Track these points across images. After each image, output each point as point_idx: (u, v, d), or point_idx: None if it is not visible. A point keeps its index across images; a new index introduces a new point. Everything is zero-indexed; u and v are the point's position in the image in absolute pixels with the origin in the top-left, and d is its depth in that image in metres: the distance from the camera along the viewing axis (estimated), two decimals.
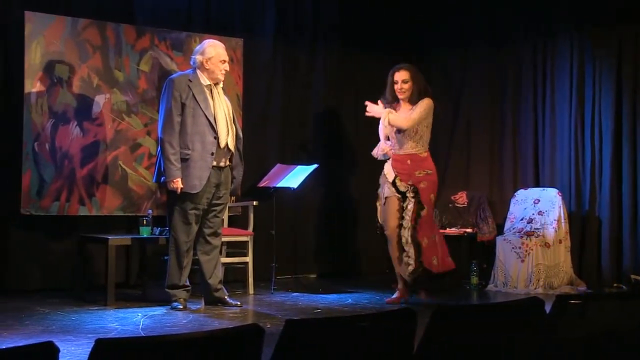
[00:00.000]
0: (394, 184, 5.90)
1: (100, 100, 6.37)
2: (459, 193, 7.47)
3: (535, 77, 7.35)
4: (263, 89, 7.41)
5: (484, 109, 7.68)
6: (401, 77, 5.93)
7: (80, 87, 6.29)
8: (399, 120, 5.89)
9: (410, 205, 5.83)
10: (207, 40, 5.74)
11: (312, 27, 7.73)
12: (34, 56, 6.08)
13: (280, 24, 7.52)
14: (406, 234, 5.79)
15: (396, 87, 5.94)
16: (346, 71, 7.91)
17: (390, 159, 5.97)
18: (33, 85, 6.08)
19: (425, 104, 5.91)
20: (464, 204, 7.40)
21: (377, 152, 6.11)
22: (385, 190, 5.95)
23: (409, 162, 5.91)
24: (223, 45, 5.69)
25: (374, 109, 6.01)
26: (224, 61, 5.58)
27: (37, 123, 6.09)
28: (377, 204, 6.11)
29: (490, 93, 7.66)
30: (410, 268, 5.76)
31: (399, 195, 5.88)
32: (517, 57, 7.48)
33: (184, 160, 5.42)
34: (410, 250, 5.77)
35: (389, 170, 5.95)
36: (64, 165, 6.20)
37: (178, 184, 5.38)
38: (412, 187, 5.85)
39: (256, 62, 7.34)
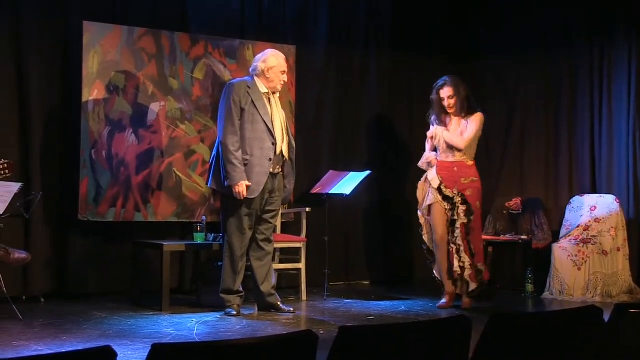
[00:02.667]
0: (439, 190, 5.98)
1: (155, 108, 6.46)
2: (514, 199, 7.37)
3: (591, 81, 7.22)
4: (315, 95, 7.43)
5: (538, 113, 7.57)
6: (446, 94, 6.10)
7: (135, 95, 6.38)
8: (455, 140, 6.05)
9: (460, 212, 5.94)
10: (270, 50, 5.77)
11: (365, 32, 7.72)
12: (92, 65, 6.20)
13: (333, 30, 7.53)
14: (459, 242, 5.86)
15: (444, 103, 6.11)
16: (399, 76, 7.89)
17: (435, 166, 6.03)
18: (90, 94, 6.19)
19: (478, 120, 6.09)
20: (518, 210, 7.31)
21: (423, 162, 6.22)
22: (430, 197, 6.09)
23: (455, 169, 6.08)
24: (284, 57, 5.73)
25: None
26: (284, 72, 5.63)
27: (94, 131, 6.20)
28: (421, 220, 6.15)
29: (545, 97, 7.55)
30: (470, 276, 5.93)
31: (445, 203, 5.99)
32: (573, 61, 7.36)
33: (243, 165, 5.45)
34: (465, 258, 5.91)
35: (433, 177, 6.07)
36: (119, 172, 6.29)
37: (242, 187, 5.38)
38: (459, 193, 5.93)
39: (309, 69, 7.37)
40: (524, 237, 7.11)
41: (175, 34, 6.57)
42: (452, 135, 6.05)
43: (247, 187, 5.39)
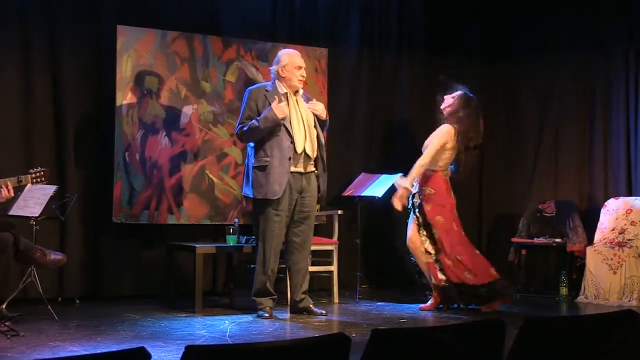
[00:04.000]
0: (413, 196, 6.16)
1: (187, 110, 6.50)
2: (547, 202, 7.31)
3: (627, 82, 7.13)
4: (347, 97, 7.43)
5: (572, 115, 7.49)
6: (448, 96, 6.30)
7: (168, 98, 6.43)
8: (411, 174, 6.06)
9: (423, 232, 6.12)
10: (282, 50, 5.83)
11: (397, 34, 7.70)
12: (125, 69, 6.26)
13: (365, 32, 7.52)
14: (432, 252, 6.06)
15: (442, 105, 6.37)
16: (432, 78, 7.84)
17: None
18: (124, 97, 6.25)
19: (441, 131, 6.19)
20: (552, 213, 7.24)
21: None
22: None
23: (419, 179, 6.15)
24: (298, 53, 5.76)
25: (400, 200, 6.09)
26: (300, 67, 5.64)
27: (128, 134, 6.26)
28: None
29: (578, 99, 7.47)
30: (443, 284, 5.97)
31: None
32: (608, 61, 7.28)
33: (264, 167, 5.49)
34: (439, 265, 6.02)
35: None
36: (153, 174, 6.34)
37: (275, 108, 5.40)
38: (419, 204, 6.08)
39: (341, 71, 7.37)
40: (558, 240, 7.04)
41: (207, 37, 6.61)
42: (408, 177, 6.06)
43: (266, 190, 5.45)
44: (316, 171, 5.67)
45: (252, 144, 5.61)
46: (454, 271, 5.92)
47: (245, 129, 5.53)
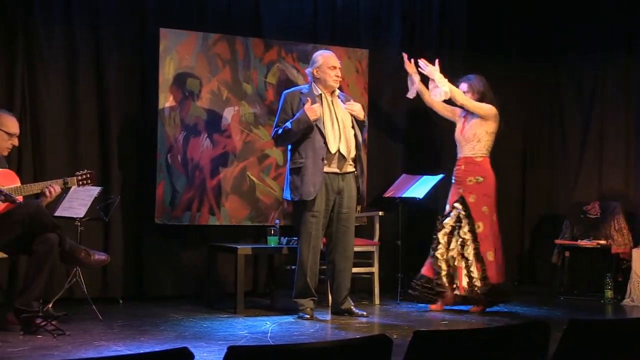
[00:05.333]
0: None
1: (229, 112, 6.54)
2: (591, 203, 7.21)
3: None
4: (389, 99, 7.40)
5: (617, 115, 7.38)
6: (462, 89, 6.25)
7: (210, 100, 6.48)
8: (457, 92, 6.12)
9: (464, 223, 5.98)
10: (316, 52, 5.85)
11: (438, 34, 7.65)
12: (168, 71, 6.32)
13: (406, 33, 7.49)
14: (469, 251, 5.87)
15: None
16: None
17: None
18: (166, 99, 6.31)
19: (488, 106, 6.12)
20: (596, 214, 7.13)
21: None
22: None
23: (462, 167, 6.09)
24: (332, 54, 5.78)
25: (428, 68, 6.22)
26: (334, 67, 5.66)
27: (170, 135, 6.31)
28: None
29: (624, 99, 7.35)
30: (479, 287, 5.86)
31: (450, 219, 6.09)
32: None
33: (298, 169, 5.51)
34: (473, 267, 5.88)
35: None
36: (195, 176, 6.39)
37: (308, 110, 5.46)
38: (461, 200, 5.93)
39: (382, 73, 7.34)
40: (602, 242, 6.94)
41: (249, 39, 6.64)
42: (458, 91, 6.11)
43: (301, 191, 5.48)
44: (355, 172, 5.67)
45: (289, 147, 5.64)
46: (492, 270, 5.89)
47: (280, 132, 5.58)
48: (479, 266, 5.89)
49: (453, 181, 6.20)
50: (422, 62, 6.28)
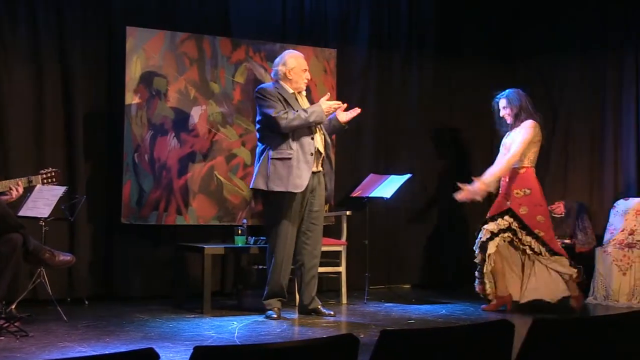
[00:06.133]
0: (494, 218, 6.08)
1: (196, 112, 6.51)
2: (556, 203, 7.27)
3: (637, 82, 7.10)
4: (356, 98, 7.41)
5: (583, 116, 7.46)
6: (501, 105, 6.16)
7: (177, 99, 6.44)
8: (497, 172, 6.01)
9: (522, 234, 5.95)
10: (286, 52, 5.83)
11: (407, 35, 7.69)
12: (135, 69, 6.27)
13: (374, 33, 7.52)
14: (543, 252, 5.92)
15: (501, 114, 6.18)
16: (441, 79, 7.85)
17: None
18: (133, 98, 6.26)
19: (524, 128, 6.02)
20: (561, 214, 7.21)
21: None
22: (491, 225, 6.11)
23: (507, 179, 6.03)
24: (302, 55, 5.77)
25: (467, 193, 6.00)
26: (306, 70, 5.67)
27: (137, 135, 6.27)
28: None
29: (589, 99, 7.44)
30: (576, 274, 5.95)
31: (505, 234, 6.02)
32: (619, 62, 7.25)
33: (286, 159, 5.47)
34: (555, 264, 5.96)
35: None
36: (162, 175, 6.35)
37: (326, 103, 5.48)
38: (510, 212, 5.92)
39: (350, 73, 7.36)
40: (567, 241, 7.02)
41: (216, 39, 6.62)
42: (490, 174, 6.00)
43: (288, 183, 5.42)
44: (323, 170, 5.67)
45: (269, 141, 5.53)
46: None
47: (291, 116, 5.44)
48: (559, 259, 5.92)
49: (499, 192, 6.15)
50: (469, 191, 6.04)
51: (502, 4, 7.94)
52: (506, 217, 5.98)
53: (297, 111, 5.47)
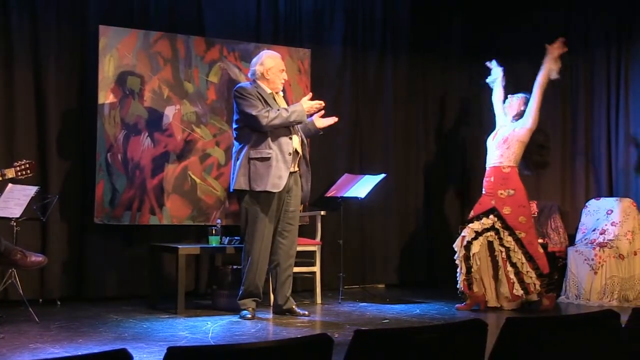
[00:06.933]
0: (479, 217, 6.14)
1: (170, 111, 6.49)
2: (529, 203, 7.33)
3: (608, 83, 7.17)
4: (331, 98, 7.42)
5: (554, 116, 7.52)
6: (521, 101, 6.33)
7: (151, 98, 6.41)
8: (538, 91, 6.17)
9: (505, 234, 6.01)
10: (264, 52, 5.82)
11: (381, 35, 7.72)
12: (108, 69, 6.23)
13: (349, 33, 7.53)
14: (519, 256, 5.97)
15: (521, 108, 6.33)
16: (415, 79, 7.88)
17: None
18: (106, 97, 6.22)
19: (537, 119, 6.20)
20: (534, 214, 7.26)
21: None
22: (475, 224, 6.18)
23: (492, 178, 6.05)
24: (279, 55, 5.77)
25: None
26: (283, 70, 5.68)
27: (110, 134, 6.23)
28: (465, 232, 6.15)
29: (561, 100, 7.50)
30: (539, 284, 6.00)
31: (488, 233, 6.08)
32: (590, 62, 7.32)
33: (266, 159, 5.46)
34: (526, 268, 5.98)
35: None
36: (135, 175, 6.32)
37: (307, 102, 5.48)
38: (494, 212, 5.97)
39: (324, 72, 7.37)
40: (539, 240, 7.07)
41: (190, 38, 6.59)
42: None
43: (267, 182, 5.41)
44: (299, 170, 5.67)
45: (247, 140, 5.51)
46: (545, 260, 6.07)
47: (273, 115, 5.42)
48: (532, 265, 5.96)
49: (484, 192, 6.20)
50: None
51: (476, 4, 7.99)
52: (490, 217, 6.03)
53: (278, 110, 5.47)
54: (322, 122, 5.79)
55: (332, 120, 5.82)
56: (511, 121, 6.28)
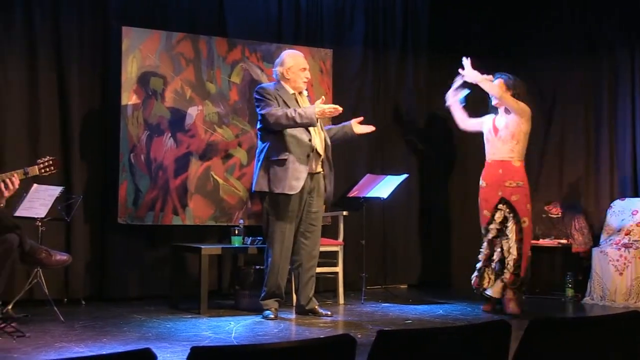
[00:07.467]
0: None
1: (192, 112, 6.51)
2: (553, 203, 7.29)
3: (632, 82, 7.11)
4: (353, 98, 7.42)
5: (578, 116, 7.47)
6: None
7: (173, 99, 6.44)
8: (493, 88, 5.98)
9: (512, 222, 5.88)
10: (285, 51, 5.83)
11: (402, 35, 7.71)
12: (131, 70, 6.27)
13: (369, 33, 7.52)
14: (512, 250, 5.85)
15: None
16: (436, 78, 7.84)
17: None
18: (129, 98, 6.26)
19: (523, 104, 6.01)
20: (557, 214, 7.22)
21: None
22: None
23: (500, 170, 5.91)
24: (302, 54, 5.77)
25: (469, 72, 6.04)
26: (304, 69, 5.66)
27: (133, 135, 6.26)
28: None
29: (584, 100, 7.45)
30: (508, 280, 5.86)
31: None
32: (614, 62, 7.26)
33: (283, 162, 5.47)
34: (511, 261, 5.86)
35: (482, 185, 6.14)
36: (158, 175, 6.35)
37: (320, 106, 5.36)
38: (503, 200, 5.87)
39: (345, 73, 7.37)
40: (563, 241, 7.03)
41: (212, 39, 6.61)
42: (492, 85, 5.99)
43: (283, 185, 5.40)
44: (323, 171, 5.67)
45: (268, 141, 5.54)
46: (527, 262, 5.98)
47: (279, 114, 5.42)
48: (515, 261, 5.85)
49: (484, 185, 6.05)
50: (466, 67, 6.08)
51: (498, 4, 7.94)
52: (500, 206, 5.96)
53: (287, 109, 5.45)
54: (360, 129, 5.84)
55: (369, 128, 5.86)
56: (505, 113, 6.06)
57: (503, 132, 6.02)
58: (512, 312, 5.84)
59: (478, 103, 6.46)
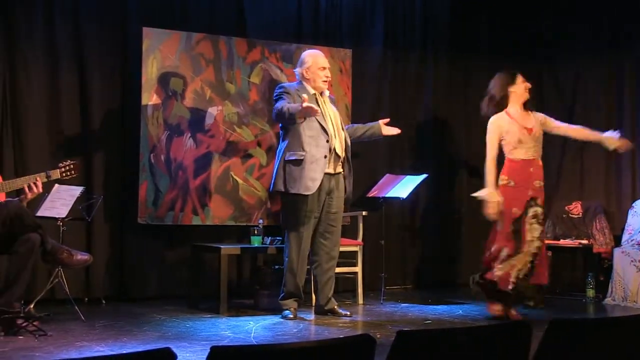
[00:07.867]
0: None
1: (212, 112, 6.53)
2: (574, 203, 7.25)
3: None
4: (372, 98, 7.42)
5: (599, 115, 7.42)
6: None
7: (193, 99, 6.46)
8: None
9: (535, 222, 5.68)
10: (306, 51, 5.84)
11: (421, 34, 7.69)
12: (151, 70, 6.30)
13: (389, 33, 7.51)
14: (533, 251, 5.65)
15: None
16: (456, 77, 7.83)
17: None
18: (149, 99, 6.29)
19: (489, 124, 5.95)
20: (578, 214, 7.18)
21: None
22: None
23: (531, 169, 5.77)
24: (322, 53, 5.77)
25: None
26: (324, 68, 5.65)
27: (153, 135, 6.29)
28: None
29: (605, 99, 7.40)
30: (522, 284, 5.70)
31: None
32: (635, 61, 7.20)
33: (299, 162, 5.47)
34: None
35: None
36: (178, 175, 6.38)
37: (305, 104, 5.25)
38: (534, 202, 5.69)
39: (365, 73, 7.36)
40: (584, 241, 6.99)
41: (232, 39, 6.63)
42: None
43: (299, 185, 5.42)
44: (343, 172, 5.67)
45: (287, 140, 5.55)
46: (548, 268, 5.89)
47: (278, 106, 5.46)
48: (530, 266, 5.60)
49: (512, 184, 5.74)
50: None
51: (517, 3, 7.91)
52: (531, 203, 5.74)
53: (290, 105, 5.42)
54: (387, 130, 5.95)
55: (396, 131, 5.94)
56: (524, 110, 5.90)
57: (537, 131, 5.86)
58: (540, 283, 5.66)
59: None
